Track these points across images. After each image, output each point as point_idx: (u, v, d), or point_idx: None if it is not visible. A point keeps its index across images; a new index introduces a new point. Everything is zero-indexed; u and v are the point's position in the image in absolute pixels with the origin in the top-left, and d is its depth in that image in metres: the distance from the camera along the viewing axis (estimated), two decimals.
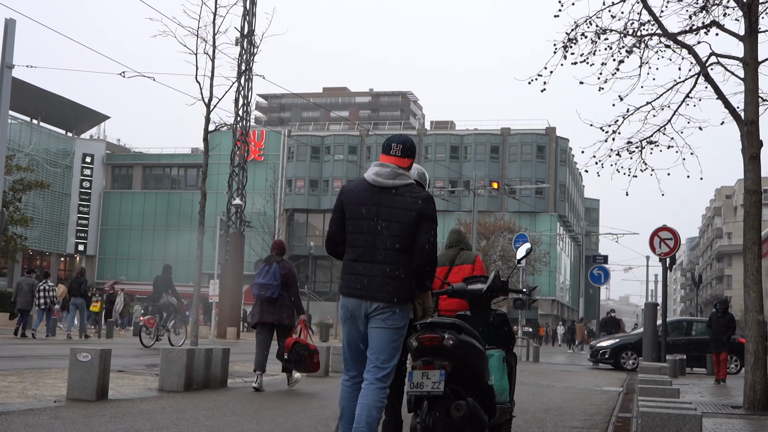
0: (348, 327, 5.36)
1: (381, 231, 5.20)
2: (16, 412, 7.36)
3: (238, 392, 10.44)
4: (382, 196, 5.23)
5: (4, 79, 26.90)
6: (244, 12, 37.65)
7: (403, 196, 5.21)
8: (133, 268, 75.70)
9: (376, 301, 5.19)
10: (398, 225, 5.19)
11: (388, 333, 5.23)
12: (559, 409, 10.53)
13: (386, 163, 5.30)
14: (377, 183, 5.25)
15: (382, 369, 5.23)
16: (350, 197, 5.31)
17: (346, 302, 5.30)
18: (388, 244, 5.19)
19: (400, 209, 5.20)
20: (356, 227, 5.27)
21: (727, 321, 19.52)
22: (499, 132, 76.68)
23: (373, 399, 5.16)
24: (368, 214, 5.23)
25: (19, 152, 57.12)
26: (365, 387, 5.19)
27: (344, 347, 5.44)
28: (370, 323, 5.25)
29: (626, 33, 12.69)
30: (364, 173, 5.38)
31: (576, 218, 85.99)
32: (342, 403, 5.37)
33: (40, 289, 25.54)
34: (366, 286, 5.21)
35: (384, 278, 5.18)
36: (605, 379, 18.53)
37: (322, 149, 78.22)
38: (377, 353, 5.23)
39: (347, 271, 5.31)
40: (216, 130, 18.47)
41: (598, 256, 40.32)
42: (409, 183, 5.28)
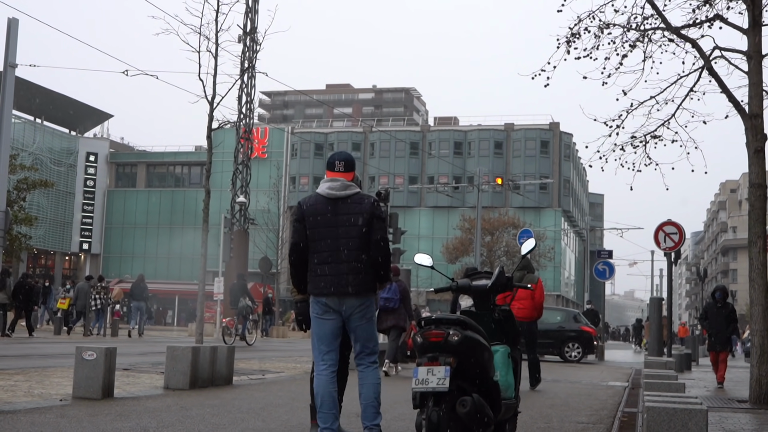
0: (323, 322, 6.05)
1: (341, 235, 5.99)
2: (22, 410, 7.37)
3: (243, 390, 10.45)
4: (337, 206, 6.05)
5: (7, 78, 26.91)
6: (247, 9, 37.68)
7: (354, 203, 6.06)
8: (137, 267, 75.68)
9: (350, 296, 5.97)
10: (355, 227, 6.00)
11: (370, 324, 6.13)
12: (564, 405, 10.53)
13: (336, 178, 6.15)
14: (331, 195, 6.08)
15: (373, 352, 6.14)
16: (310, 210, 6.09)
17: (320, 300, 6.02)
18: (349, 245, 5.98)
19: (354, 214, 6.03)
20: (319, 235, 6.03)
21: (728, 313, 16.14)
22: (502, 127, 76.59)
23: (375, 377, 6.06)
24: (328, 222, 6.02)
25: (22, 151, 57.24)
26: (364, 370, 6.07)
27: (319, 340, 6.07)
28: (351, 320, 6.05)
29: (629, 27, 12.67)
30: (318, 188, 6.20)
31: (580, 213, 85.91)
32: (322, 391, 5.95)
33: (95, 292, 28.32)
34: (336, 283, 5.96)
35: (349, 275, 5.96)
36: (611, 374, 18.52)
37: (326, 146, 78.19)
38: (365, 342, 6.12)
39: (317, 273, 6.00)
40: (219, 127, 18.50)
41: (602, 251, 40.19)
42: (356, 191, 6.13)
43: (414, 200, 75.67)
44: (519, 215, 65.77)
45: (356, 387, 6.20)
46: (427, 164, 76.34)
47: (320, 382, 5.98)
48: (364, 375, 6.09)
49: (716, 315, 16.14)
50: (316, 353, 6.09)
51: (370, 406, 5.99)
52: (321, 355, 6.05)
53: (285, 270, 71.44)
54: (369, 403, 5.99)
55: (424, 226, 74.84)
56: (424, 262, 6.73)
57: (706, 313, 16.48)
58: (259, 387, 10.92)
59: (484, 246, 55.74)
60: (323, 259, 5.98)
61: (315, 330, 6.08)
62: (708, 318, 16.35)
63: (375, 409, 6.01)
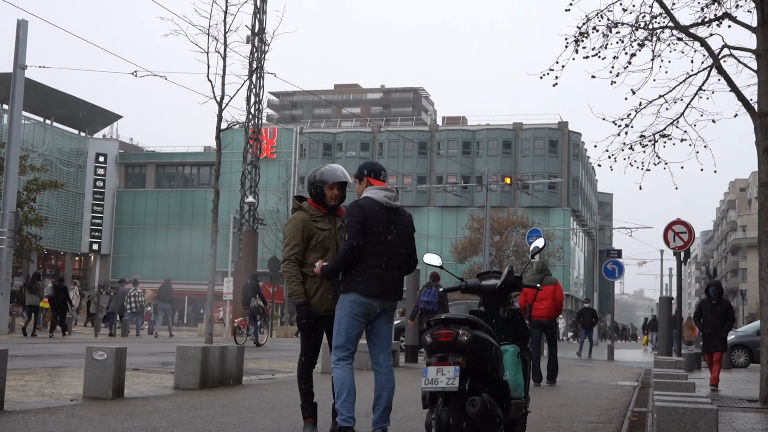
0: (358, 324, 6.26)
1: (392, 243, 6.30)
2: (33, 410, 7.40)
3: (253, 389, 10.47)
4: (392, 215, 6.35)
5: (17, 80, 27.04)
6: (255, 10, 37.72)
7: (402, 215, 6.46)
8: (147, 267, 75.94)
9: (393, 300, 6.37)
10: (402, 238, 6.39)
11: (392, 326, 6.55)
12: (574, 404, 10.52)
13: (390, 188, 6.44)
14: (389, 204, 6.34)
15: (391, 356, 6.44)
16: (372, 215, 6.24)
17: (368, 301, 6.21)
18: (396, 253, 6.33)
19: (404, 226, 6.43)
20: (375, 240, 6.22)
21: (724, 310, 14.82)
22: (511, 127, 76.51)
23: (394, 381, 6.33)
24: (383, 229, 6.27)
25: (32, 152, 57.42)
26: (385, 373, 6.29)
27: (348, 339, 6.25)
28: (380, 319, 6.37)
29: (638, 26, 12.65)
30: (369, 193, 6.33)
31: (589, 212, 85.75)
32: (348, 382, 6.17)
33: (130, 295, 29.61)
34: (384, 288, 6.27)
35: (395, 280, 6.35)
36: (620, 374, 18.49)
37: (334, 146, 78.25)
38: (386, 343, 6.39)
39: (370, 276, 6.21)
40: (228, 128, 18.53)
41: (612, 250, 40.06)
42: (400, 204, 6.51)
43: (423, 200, 75.65)
44: (528, 215, 65.67)
45: (360, 385, 6.29)
46: (436, 164, 76.31)
47: (347, 374, 6.19)
48: (387, 377, 6.29)
49: (711, 313, 14.79)
50: (342, 350, 6.26)
51: (388, 408, 6.21)
52: (347, 352, 6.26)
53: None
54: (388, 405, 6.21)
55: (432, 225, 74.81)
56: (433, 261, 6.75)
57: (700, 310, 15.12)
58: (268, 387, 10.93)
59: (493, 245, 55.67)
60: (375, 263, 6.22)
61: (347, 329, 6.24)
62: (701, 317, 14.98)
63: (390, 411, 6.25)
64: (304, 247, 6.55)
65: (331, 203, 6.63)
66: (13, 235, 26.46)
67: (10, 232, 26.13)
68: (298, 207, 6.77)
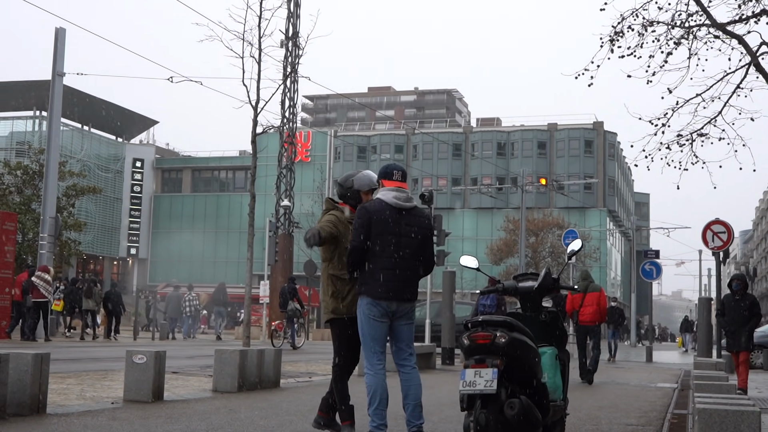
0: (379, 324, 6.27)
1: (403, 244, 6.26)
2: (75, 413, 7.50)
3: (291, 392, 10.51)
4: (402, 216, 6.27)
5: (55, 87, 27.39)
6: (289, 14, 37.85)
7: (417, 216, 6.38)
8: (184, 271, 76.52)
9: (406, 301, 6.31)
10: (416, 240, 6.32)
11: (413, 327, 6.45)
12: (613, 406, 10.44)
13: (401, 188, 6.37)
14: (399, 205, 6.28)
15: (413, 355, 6.40)
16: (378, 216, 6.21)
17: (382, 303, 6.23)
18: (409, 254, 6.28)
19: (418, 227, 6.35)
20: (384, 242, 6.21)
21: (749, 306, 13.59)
22: (545, 127, 76.11)
23: (419, 378, 6.32)
24: (393, 231, 6.22)
25: (71, 158, 58.12)
26: (410, 372, 6.29)
27: (373, 341, 6.28)
28: (400, 321, 6.34)
29: (674, 24, 12.52)
30: (380, 195, 6.34)
31: (626, 213, 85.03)
32: (380, 388, 6.17)
33: (186, 299, 30.93)
34: (397, 289, 6.24)
35: (409, 282, 6.31)
36: (660, 376, 18.32)
37: (369, 149, 78.37)
38: (409, 343, 6.40)
39: (378, 278, 6.21)
40: (264, 132, 18.64)
41: (649, 251, 39.75)
42: (415, 204, 6.42)
43: (457, 202, 75.48)
44: (563, 216, 65.26)
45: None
46: (471, 165, 76.12)
47: (378, 380, 6.21)
48: (410, 377, 6.29)
49: (734, 309, 13.62)
50: (371, 353, 6.29)
51: (418, 406, 6.21)
52: (376, 355, 6.29)
53: None
54: (417, 403, 6.22)
55: (467, 227, 74.62)
56: (470, 264, 6.74)
57: (723, 307, 13.96)
58: (306, 389, 10.98)
59: (529, 247, 55.42)
60: (387, 265, 6.22)
61: (370, 332, 6.29)
62: (724, 314, 13.87)
63: (421, 408, 6.26)
64: (335, 245, 6.66)
65: None
66: (53, 240, 26.80)
67: (50, 237, 26.47)
68: (332, 207, 6.85)
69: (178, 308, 31.27)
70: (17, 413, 7.06)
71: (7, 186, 36.84)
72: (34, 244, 31.41)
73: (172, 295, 32.32)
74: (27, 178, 36.75)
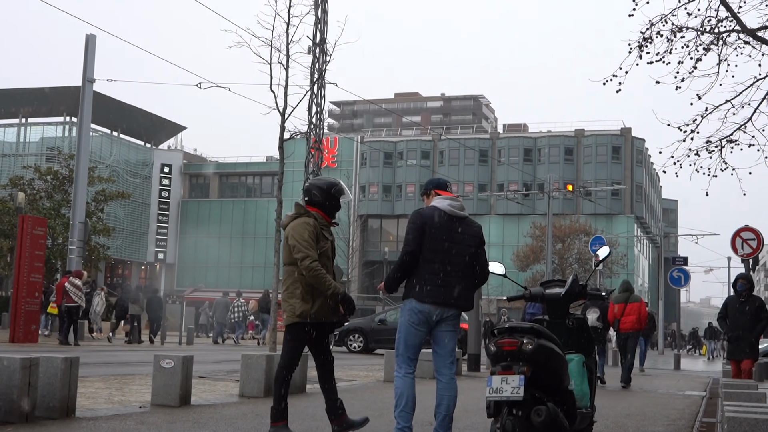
0: (418, 330, 6.30)
1: (456, 251, 6.30)
2: (103, 417, 7.57)
3: (316, 398, 10.52)
4: (456, 224, 6.37)
5: (85, 93, 27.68)
6: (316, 21, 37.96)
7: (469, 225, 6.46)
8: (211, 276, 76.93)
9: (453, 308, 6.31)
10: (469, 248, 6.37)
11: (455, 335, 6.42)
12: (640, 414, 10.37)
13: (455, 198, 6.51)
14: (455, 214, 6.38)
15: (453, 364, 6.38)
16: (432, 223, 6.30)
17: (424, 308, 6.24)
18: (461, 261, 6.32)
19: (470, 235, 6.41)
20: (436, 247, 6.26)
21: (755, 310, 12.35)
22: (572, 133, 75.80)
23: (455, 390, 6.29)
24: (447, 237, 6.29)
25: (100, 164, 58.68)
26: (446, 381, 6.27)
27: (406, 347, 6.32)
28: (441, 327, 6.32)
29: (703, 30, 12.43)
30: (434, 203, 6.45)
31: (654, 220, 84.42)
32: (408, 393, 6.19)
33: (234, 305, 31.85)
34: (445, 294, 6.24)
35: (457, 288, 6.29)
36: (687, 383, 18.16)
37: (395, 155, 78.40)
38: (449, 352, 6.36)
39: (427, 282, 6.24)
40: (291, 138, 18.71)
41: (677, 257, 39.49)
42: (468, 215, 6.54)
43: (484, 208, 75.32)
44: (591, 222, 64.94)
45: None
46: (497, 171, 75.95)
47: (406, 384, 6.23)
48: (447, 386, 6.29)
49: (738, 312, 12.43)
50: (403, 359, 6.33)
51: (448, 416, 6.23)
52: (408, 361, 6.32)
53: (355, 278, 71.76)
54: (448, 413, 6.23)
55: (494, 233, 74.43)
56: (497, 270, 6.75)
57: (726, 309, 12.72)
58: None
59: (555, 253, 55.17)
60: (436, 270, 6.26)
61: (406, 338, 6.34)
62: (727, 317, 12.65)
63: (452, 420, 6.28)
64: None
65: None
66: (82, 244, 27.08)
67: (80, 242, 26.74)
68: (305, 213, 6.83)
69: (225, 314, 32.31)
70: (47, 417, 7.13)
71: (38, 191, 37.26)
72: (63, 248, 31.73)
73: (219, 301, 33.42)
74: (57, 183, 37.16)
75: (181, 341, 30.53)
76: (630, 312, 15.95)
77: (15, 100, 67.82)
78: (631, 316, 15.91)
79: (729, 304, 12.75)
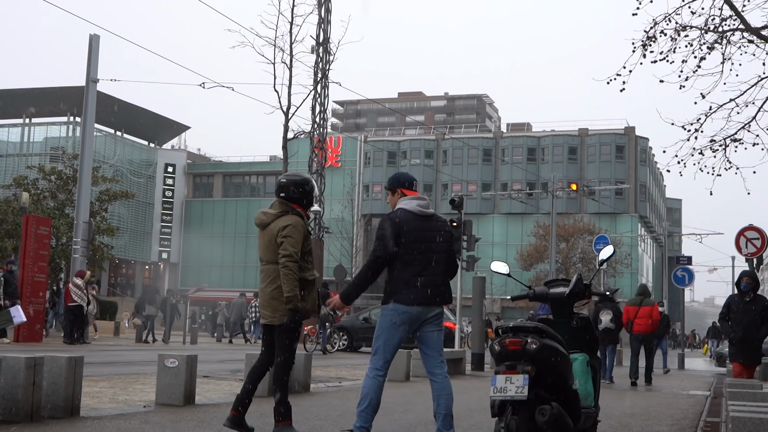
0: (400, 331, 6.27)
1: (432, 250, 6.32)
2: (108, 416, 7.58)
3: (320, 397, 10.54)
4: (428, 222, 6.38)
5: (89, 93, 27.71)
6: (319, 20, 37.97)
7: (438, 222, 6.48)
8: (215, 275, 76.99)
9: (437, 306, 6.31)
10: (442, 244, 6.39)
11: (441, 333, 6.42)
12: (644, 414, 10.36)
13: (422, 197, 6.50)
14: (423, 213, 6.39)
15: (444, 363, 6.36)
16: (404, 225, 6.29)
17: (410, 309, 6.22)
18: (437, 259, 6.33)
19: (441, 231, 6.43)
20: (413, 249, 6.26)
21: (761, 309, 11.46)
22: (576, 133, 75.77)
23: (450, 387, 6.27)
24: (420, 237, 6.30)
25: (104, 163, 58.75)
26: (439, 380, 6.25)
27: (387, 349, 6.31)
28: (426, 327, 6.32)
29: (707, 29, 12.41)
30: (402, 205, 6.41)
31: (658, 219, 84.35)
32: (372, 394, 6.21)
33: (252, 305, 32.53)
34: (428, 294, 6.25)
35: (440, 286, 6.33)
36: (691, 383, 18.15)
37: (399, 154, 78.40)
38: (438, 351, 6.36)
39: (410, 285, 6.23)
40: (295, 137, 18.74)
41: (681, 257, 39.35)
42: (433, 212, 6.54)
43: (487, 207, 75.30)
44: (594, 221, 64.90)
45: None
46: (501, 171, 75.93)
47: (374, 384, 6.26)
48: (441, 385, 6.26)
49: (742, 312, 11.56)
50: (379, 359, 6.32)
51: (448, 416, 6.20)
52: (383, 363, 6.32)
53: None
54: (448, 412, 6.20)
55: (497, 233, 74.41)
56: (500, 269, 6.74)
57: (728, 309, 11.86)
58: (336, 394, 11.00)
59: (559, 253, 55.14)
60: (417, 271, 6.26)
61: (387, 338, 6.31)
62: (729, 318, 11.83)
63: (452, 418, 6.25)
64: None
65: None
66: (86, 244, 27.10)
67: (84, 241, 26.77)
68: (291, 211, 6.88)
69: (241, 314, 33.18)
70: (52, 416, 7.15)
71: (42, 191, 37.32)
72: (67, 248, 31.77)
73: (236, 302, 34.29)
74: (61, 183, 37.21)
75: (185, 340, 30.57)
76: (643, 314, 16.69)
77: (19, 100, 67.93)
78: (644, 318, 16.68)
79: (732, 303, 11.89)
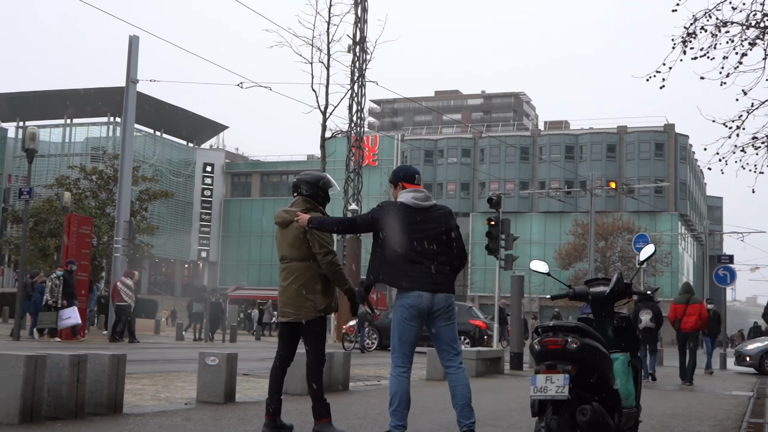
0: (410, 327, 6.21)
1: (427, 238, 6.30)
2: (150, 413, 7.67)
3: (359, 396, 10.57)
4: (422, 214, 6.37)
5: (129, 93, 28.00)
6: (356, 20, 38.05)
7: (434, 212, 6.42)
8: (253, 274, 77.46)
9: (442, 293, 6.22)
10: (438, 235, 6.34)
11: (453, 326, 6.32)
12: (686, 414, 10.26)
13: (419, 189, 6.53)
14: (418, 206, 6.38)
15: (459, 354, 6.33)
16: (393, 214, 6.38)
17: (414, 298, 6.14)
18: (434, 248, 6.29)
19: (434, 222, 6.37)
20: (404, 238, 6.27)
21: None
22: (615, 130, 75.14)
23: (466, 378, 6.24)
24: (415, 228, 6.30)
25: (144, 163, 59.41)
26: (456, 372, 6.21)
27: (401, 343, 6.25)
28: (437, 323, 6.24)
29: (749, 25, 12.24)
30: (399, 198, 6.52)
31: (698, 217, 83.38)
32: (400, 391, 6.15)
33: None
34: (432, 281, 6.19)
35: (437, 274, 6.23)
36: (734, 384, 17.92)
37: (436, 153, 78.30)
38: (451, 343, 6.29)
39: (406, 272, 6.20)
40: (333, 137, 18.79)
41: (723, 255, 38.81)
42: (435, 203, 6.53)
43: (525, 206, 74.94)
44: (634, 220, 64.33)
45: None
46: (538, 169, 75.53)
47: (401, 383, 6.21)
48: (456, 377, 6.23)
49: None
50: (399, 355, 6.29)
51: (466, 406, 6.14)
52: (404, 357, 6.29)
53: None
54: (465, 403, 6.15)
55: (536, 231, 74.03)
56: (540, 269, 6.71)
57: None
58: (375, 393, 11.02)
59: (598, 251, 54.74)
60: (412, 259, 6.23)
61: (400, 334, 6.28)
62: None
63: (471, 408, 6.18)
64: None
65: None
66: (127, 243, 27.41)
67: (125, 240, 27.07)
68: (313, 207, 7.05)
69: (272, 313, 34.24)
70: (95, 413, 7.24)
71: (83, 190, 37.82)
72: (108, 247, 32.16)
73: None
74: (102, 182, 37.68)
75: (225, 339, 30.81)
76: (691, 312, 16.77)
77: (60, 101, 68.92)
78: (693, 316, 16.76)
79: None
